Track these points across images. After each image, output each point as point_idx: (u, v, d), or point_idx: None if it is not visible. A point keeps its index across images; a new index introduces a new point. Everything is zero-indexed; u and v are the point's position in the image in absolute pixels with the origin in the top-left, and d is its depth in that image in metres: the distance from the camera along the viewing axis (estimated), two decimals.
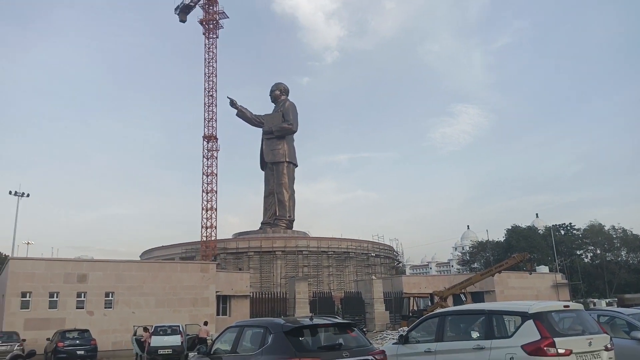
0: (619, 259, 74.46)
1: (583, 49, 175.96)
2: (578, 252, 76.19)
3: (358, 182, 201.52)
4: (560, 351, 7.25)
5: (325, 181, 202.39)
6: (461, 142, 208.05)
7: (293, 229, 63.15)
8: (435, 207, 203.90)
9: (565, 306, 8.59)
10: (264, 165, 64.03)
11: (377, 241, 65.60)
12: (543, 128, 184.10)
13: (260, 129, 64.23)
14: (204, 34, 56.70)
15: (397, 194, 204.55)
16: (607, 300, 52.02)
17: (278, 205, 62.27)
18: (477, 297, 41.87)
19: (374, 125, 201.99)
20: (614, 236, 74.78)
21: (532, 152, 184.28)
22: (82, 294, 28.61)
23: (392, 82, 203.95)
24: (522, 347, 7.41)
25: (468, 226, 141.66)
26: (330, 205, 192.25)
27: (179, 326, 24.51)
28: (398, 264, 73.13)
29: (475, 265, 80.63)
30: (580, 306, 9.02)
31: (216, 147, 53.37)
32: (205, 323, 26.42)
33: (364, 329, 33.31)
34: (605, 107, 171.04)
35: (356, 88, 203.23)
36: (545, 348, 7.25)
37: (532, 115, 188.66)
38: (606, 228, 75.48)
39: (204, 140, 53.52)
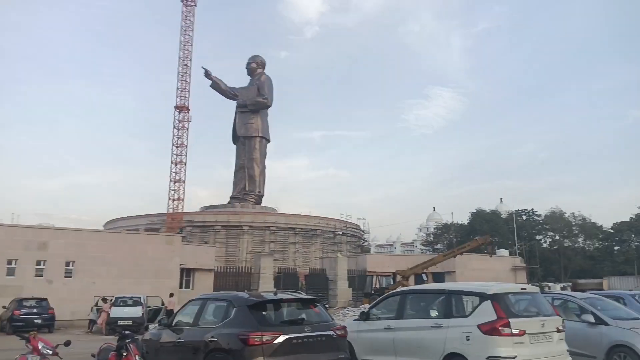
0: (576, 245, 77.33)
1: (560, 36, 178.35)
2: (537, 237, 78.62)
3: (331, 159, 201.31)
4: (515, 331, 7.51)
5: (297, 158, 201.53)
6: (434, 125, 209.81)
7: (262, 204, 63.01)
8: (404, 187, 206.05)
9: (522, 289, 8.90)
10: (236, 139, 63.17)
11: (344, 219, 66.23)
12: (514, 114, 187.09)
13: (235, 102, 63.30)
14: (181, 1, 55.09)
15: (368, 173, 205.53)
16: (562, 284, 53.99)
17: (248, 180, 61.83)
18: (439, 277, 42.73)
19: (350, 103, 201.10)
20: (573, 223, 77.44)
21: (503, 137, 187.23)
22: (42, 262, 27.90)
23: (371, 61, 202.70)
24: (479, 326, 7.63)
25: (434, 208, 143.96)
26: (301, 182, 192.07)
27: (140, 297, 24.30)
28: (364, 242, 74.06)
29: (439, 246, 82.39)
30: (536, 289, 9.33)
31: (188, 118, 52.57)
32: (171, 295, 26.31)
33: (327, 305, 33.80)
34: (578, 96, 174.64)
35: (334, 65, 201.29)
36: (500, 328, 7.48)
37: (504, 101, 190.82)
38: (566, 215, 78.10)
39: (175, 110, 52.53)
